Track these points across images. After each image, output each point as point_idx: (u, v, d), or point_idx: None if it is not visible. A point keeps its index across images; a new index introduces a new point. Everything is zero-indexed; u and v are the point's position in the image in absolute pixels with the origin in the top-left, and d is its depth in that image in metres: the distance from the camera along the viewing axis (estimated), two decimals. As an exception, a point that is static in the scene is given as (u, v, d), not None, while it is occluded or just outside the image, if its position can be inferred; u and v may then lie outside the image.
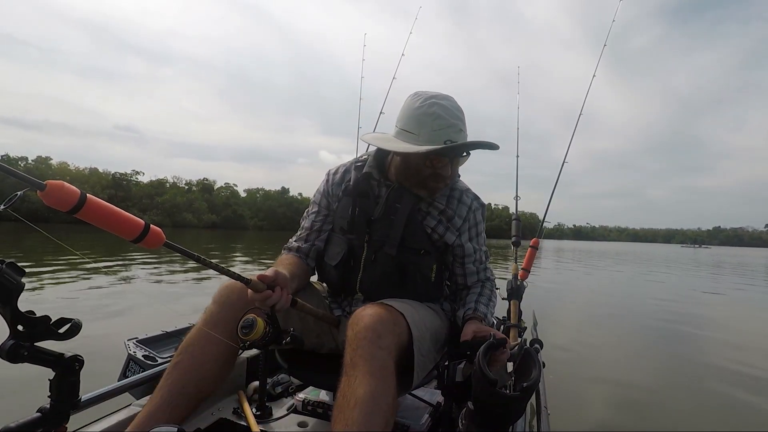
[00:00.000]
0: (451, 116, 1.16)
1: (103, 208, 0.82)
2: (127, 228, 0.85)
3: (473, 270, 1.38)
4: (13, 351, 0.79)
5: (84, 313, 4.14)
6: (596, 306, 7.16)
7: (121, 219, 0.85)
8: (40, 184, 0.73)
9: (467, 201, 1.35)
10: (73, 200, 0.76)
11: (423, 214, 1.30)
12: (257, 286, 1.00)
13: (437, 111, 1.15)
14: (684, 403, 3.01)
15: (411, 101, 1.21)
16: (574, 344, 4.35)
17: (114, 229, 0.84)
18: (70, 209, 0.76)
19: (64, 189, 0.75)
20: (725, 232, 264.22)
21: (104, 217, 0.82)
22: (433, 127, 1.14)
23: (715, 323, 6.19)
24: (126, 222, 0.85)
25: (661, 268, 17.59)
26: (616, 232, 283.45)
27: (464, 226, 1.33)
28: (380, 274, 1.28)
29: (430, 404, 1.52)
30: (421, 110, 1.16)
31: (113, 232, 0.84)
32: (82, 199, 0.77)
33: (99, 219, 0.81)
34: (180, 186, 66.67)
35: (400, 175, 1.28)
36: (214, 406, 1.45)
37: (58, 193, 0.74)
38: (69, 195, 0.76)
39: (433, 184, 1.24)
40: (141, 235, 0.86)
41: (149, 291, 5.92)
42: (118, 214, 0.85)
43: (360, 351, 0.96)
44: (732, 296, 9.42)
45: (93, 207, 0.80)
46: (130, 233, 0.85)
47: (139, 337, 1.62)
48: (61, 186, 0.75)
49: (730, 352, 4.42)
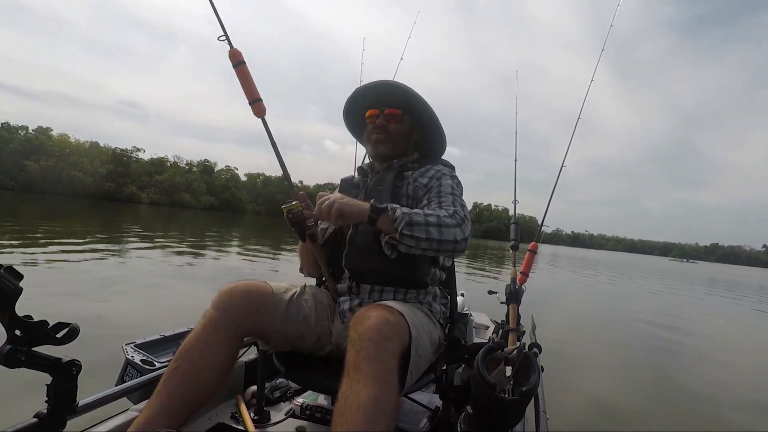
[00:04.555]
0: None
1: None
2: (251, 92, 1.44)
3: (435, 201, 1.32)
4: (11, 356, 0.79)
5: (85, 312, 4.11)
6: (590, 312, 7.19)
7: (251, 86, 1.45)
8: None
9: (438, 167, 1.44)
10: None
11: (403, 186, 1.39)
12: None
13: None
14: (678, 412, 3.02)
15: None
16: (573, 348, 4.36)
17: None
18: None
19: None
20: (722, 249, 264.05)
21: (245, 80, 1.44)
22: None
23: (701, 334, 6.29)
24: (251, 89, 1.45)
25: (639, 278, 17.72)
26: (613, 241, 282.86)
27: (430, 183, 1.38)
28: (361, 245, 1.30)
29: (429, 408, 1.52)
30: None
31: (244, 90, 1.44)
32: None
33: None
34: (180, 166, 65.50)
35: (367, 148, 1.52)
36: (212, 410, 1.45)
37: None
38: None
39: (375, 135, 1.43)
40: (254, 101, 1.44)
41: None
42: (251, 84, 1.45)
43: (364, 353, 0.94)
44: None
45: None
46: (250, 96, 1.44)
47: (137, 342, 1.61)
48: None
49: (717, 364, 4.48)
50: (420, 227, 1.15)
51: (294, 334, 1.23)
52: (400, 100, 1.43)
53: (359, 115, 1.52)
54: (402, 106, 1.44)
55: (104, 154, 55.11)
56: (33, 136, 49.33)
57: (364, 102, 1.49)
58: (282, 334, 1.21)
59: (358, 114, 1.52)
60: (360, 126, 1.56)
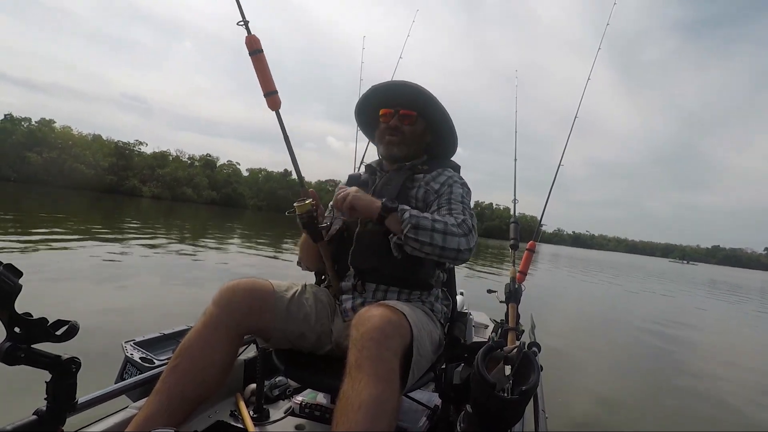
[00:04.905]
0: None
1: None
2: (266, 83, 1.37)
3: (445, 208, 1.32)
4: (10, 353, 0.79)
5: (84, 310, 4.11)
6: (590, 312, 7.20)
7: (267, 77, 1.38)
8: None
9: (449, 173, 1.44)
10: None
11: (414, 188, 1.39)
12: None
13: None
14: (676, 411, 3.02)
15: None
16: (572, 348, 4.36)
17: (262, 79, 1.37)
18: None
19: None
20: (724, 251, 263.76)
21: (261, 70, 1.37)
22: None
23: (702, 336, 6.29)
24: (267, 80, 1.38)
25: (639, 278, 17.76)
26: (614, 242, 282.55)
27: (441, 189, 1.38)
28: (368, 244, 1.31)
29: (428, 407, 1.52)
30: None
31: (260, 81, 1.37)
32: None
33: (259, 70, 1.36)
34: (183, 160, 65.09)
35: (378, 148, 1.50)
36: (211, 408, 1.45)
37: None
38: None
39: (389, 136, 1.42)
40: (270, 93, 1.38)
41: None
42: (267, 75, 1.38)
43: (366, 352, 0.94)
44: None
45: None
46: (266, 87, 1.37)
47: (136, 339, 1.61)
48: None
49: (717, 363, 4.48)
50: (426, 232, 1.16)
51: (294, 333, 1.23)
52: (416, 101, 1.42)
53: (372, 113, 1.51)
54: (417, 108, 1.42)
55: (107, 147, 54.83)
56: (36, 128, 48.93)
57: (377, 100, 1.48)
58: (282, 333, 1.21)
59: (371, 112, 1.51)
60: (372, 124, 1.55)
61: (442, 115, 1.45)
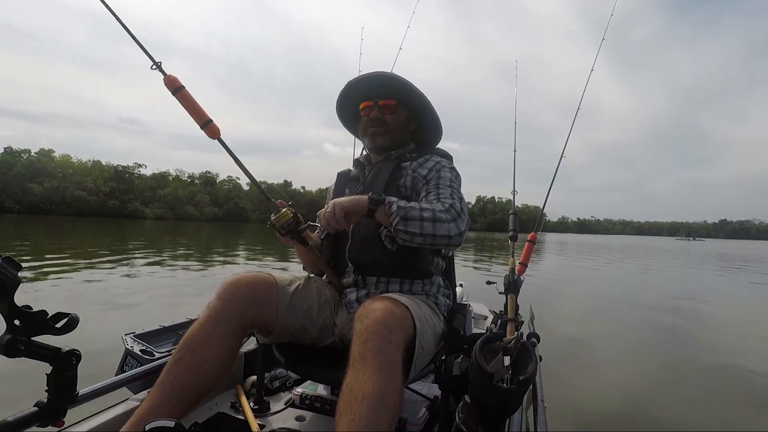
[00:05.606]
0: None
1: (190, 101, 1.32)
2: (198, 116, 1.33)
3: (433, 194, 1.32)
4: (10, 346, 0.79)
5: (84, 307, 4.14)
6: (593, 298, 7.20)
7: (197, 110, 1.33)
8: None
9: (437, 159, 1.43)
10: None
11: (402, 177, 1.38)
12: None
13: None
14: (681, 399, 3.03)
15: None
16: (573, 338, 4.37)
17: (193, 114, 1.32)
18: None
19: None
20: (731, 225, 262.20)
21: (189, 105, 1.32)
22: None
23: (713, 319, 6.24)
24: (198, 112, 1.33)
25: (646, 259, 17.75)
26: (620, 225, 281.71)
27: (429, 174, 1.38)
28: (363, 238, 1.31)
29: (428, 398, 1.53)
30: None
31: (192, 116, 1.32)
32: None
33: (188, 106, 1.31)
34: (182, 179, 66.25)
35: (363, 141, 1.50)
36: (212, 400, 1.45)
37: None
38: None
39: (372, 128, 1.43)
40: (205, 123, 1.32)
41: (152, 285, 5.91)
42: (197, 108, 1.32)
43: (369, 345, 0.94)
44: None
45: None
46: (200, 119, 1.32)
47: (136, 332, 1.61)
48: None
49: (728, 348, 4.47)
50: (414, 222, 1.16)
51: (296, 326, 1.23)
52: (394, 91, 1.42)
53: (353, 109, 1.51)
54: (396, 97, 1.43)
55: (106, 171, 55.61)
56: (35, 158, 49.87)
57: (357, 95, 1.48)
58: (285, 326, 1.22)
59: (352, 107, 1.51)
60: (354, 119, 1.55)
61: (421, 100, 1.44)
